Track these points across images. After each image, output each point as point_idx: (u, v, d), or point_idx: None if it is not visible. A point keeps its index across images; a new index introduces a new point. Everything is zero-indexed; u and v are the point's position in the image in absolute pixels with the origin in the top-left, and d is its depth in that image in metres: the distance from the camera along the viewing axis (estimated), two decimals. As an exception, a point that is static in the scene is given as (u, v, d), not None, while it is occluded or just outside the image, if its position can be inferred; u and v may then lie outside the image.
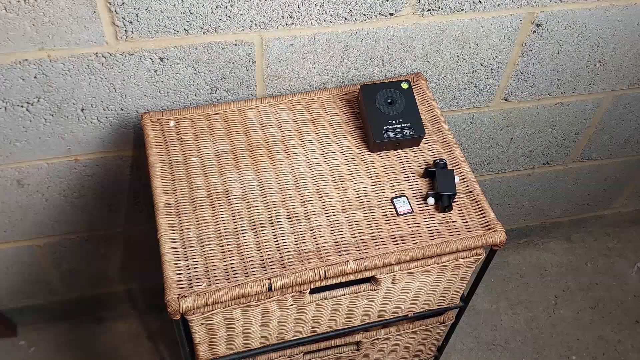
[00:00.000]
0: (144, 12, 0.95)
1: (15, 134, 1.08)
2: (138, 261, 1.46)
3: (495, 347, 1.66)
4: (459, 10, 1.10)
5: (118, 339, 1.59)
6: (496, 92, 1.31)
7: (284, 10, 1.01)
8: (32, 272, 1.40)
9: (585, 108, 1.43)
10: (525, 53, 1.23)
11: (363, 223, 0.94)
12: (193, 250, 0.89)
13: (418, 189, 0.99)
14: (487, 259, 1.00)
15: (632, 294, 1.78)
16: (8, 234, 1.28)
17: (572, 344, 1.67)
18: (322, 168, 1.01)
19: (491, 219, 0.95)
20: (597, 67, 1.32)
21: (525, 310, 1.73)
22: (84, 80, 1.02)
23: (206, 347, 0.95)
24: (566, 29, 1.20)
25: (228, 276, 0.86)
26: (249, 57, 1.07)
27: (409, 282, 0.97)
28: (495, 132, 1.42)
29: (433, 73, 1.21)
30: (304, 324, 0.99)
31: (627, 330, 1.71)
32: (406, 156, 1.04)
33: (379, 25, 1.09)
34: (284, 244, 0.91)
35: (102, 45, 0.98)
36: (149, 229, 1.38)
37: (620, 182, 1.73)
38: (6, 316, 1.52)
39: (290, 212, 0.95)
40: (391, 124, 1.02)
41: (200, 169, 0.99)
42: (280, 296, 0.89)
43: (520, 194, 1.66)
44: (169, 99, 1.10)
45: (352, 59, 1.13)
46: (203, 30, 1.00)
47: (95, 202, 1.26)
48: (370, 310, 1.02)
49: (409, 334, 1.16)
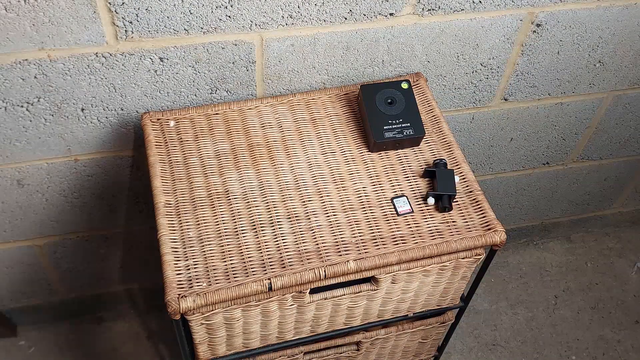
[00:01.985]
0: (144, 12, 0.95)
1: (15, 134, 1.08)
2: (138, 261, 1.46)
3: (495, 347, 1.66)
4: (459, 10, 1.10)
5: (118, 339, 1.59)
6: (496, 92, 1.31)
7: (284, 10, 1.01)
8: (32, 272, 1.40)
9: (585, 108, 1.43)
10: (525, 53, 1.23)
11: (363, 223, 0.94)
12: (193, 250, 0.89)
13: (418, 189, 1.00)
14: (487, 259, 1.00)
15: (632, 294, 1.78)
16: (8, 234, 1.28)
17: (572, 344, 1.67)
18: (322, 168, 1.01)
19: (491, 219, 0.95)
20: (597, 67, 1.32)
21: (525, 310, 1.73)
22: (84, 80, 1.02)
23: (206, 347, 0.95)
24: (566, 29, 1.20)
25: (228, 276, 0.86)
26: (249, 57, 1.07)
27: (409, 282, 0.97)
28: (495, 132, 1.42)
29: (433, 73, 1.21)
30: (304, 324, 0.99)
31: (627, 330, 1.71)
32: (406, 156, 1.04)
33: (379, 25, 1.09)
34: (284, 244, 0.91)
35: (102, 45, 0.98)
36: (149, 229, 1.39)
37: (620, 182, 1.73)
38: (6, 316, 1.52)
39: (290, 212, 0.95)
40: (391, 124, 1.02)
41: (200, 169, 0.99)
42: (280, 296, 0.89)
43: (520, 194, 1.66)
44: (169, 99, 1.10)
45: (352, 59, 1.13)
46: (203, 30, 1.00)
47: (95, 202, 1.26)
48: (370, 310, 1.02)
49: (409, 334, 1.16)
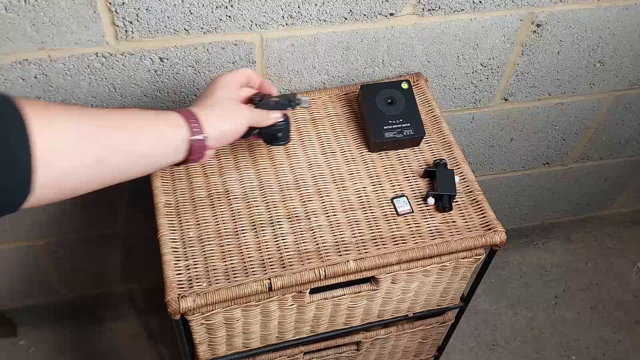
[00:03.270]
0: (144, 12, 0.95)
1: (16, 134, 1.08)
2: (138, 261, 1.46)
3: (495, 347, 1.66)
4: (459, 10, 1.10)
5: (118, 339, 1.59)
6: (496, 92, 1.31)
7: (284, 10, 1.01)
8: (32, 272, 1.40)
9: (585, 108, 1.43)
10: (525, 53, 1.23)
11: (363, 223, 0.94)
12: (193, 250, 0.89)
13: (418, 189, 1.00)
14: (487, 259, 1.00)
15: (632, 294, 1.78)
16: (8, 234, 1.28)
17: (572, 344, 1.67)
18: (322, 168, 1.01)
19: (491, 219, 0.95)
20: (597, 67, 1.32)
21: (525, 310, 1.73)
22: (84, 80, 1.02)
23: (206, 347, 0.95)
24: (566, 29, 1.20)
25: (228, 276, 0.86)
26: (249, 57, 1.07)
27: (409, 282, 0.97)
28: (496, 132, 1.42)
29: (433, 73, 1.21)
30: (304, 324, 0.99)
31: (627, 330, 1.71)
32: (406, 156, 1.04)
33: (379, 26, 1.09)
34: (284, 244, 0.91)
35: (102, 45, 0.98)
36: (149, 229, 1.38)
37: (620, 182, 1.73)
38: (6, 316, 1.52)
39: (291, 212, 0.95)
40: (391, 124, 1.02)
41: (200, 168, 0.99)
42: (280, 296, 0.89)
43: (520, 194, 1.66)
44: (169, 99, 1.10)
45: (352, 59, 1.13)
46: (203, 30, 1.00)
47: (95, 202, 1.26)
48: (370, 310, 1.02)
49: (409, 334, 1.16)
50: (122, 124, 0.71)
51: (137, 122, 0.73)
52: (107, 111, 0.72)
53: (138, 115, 0.74)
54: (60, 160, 0.63)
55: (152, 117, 0.75)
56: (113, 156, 0.69)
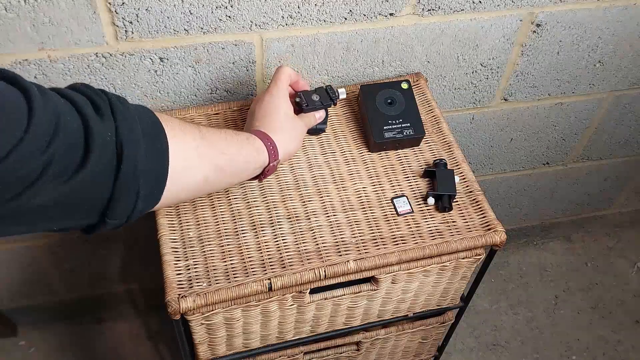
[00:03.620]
0: (144, 12, 0.95)
1: (16, 134, 1.08)
2: (138, 261, 1.46)
3: (495, 347, 1.66)
4: (459, 10, 1.10)
5: (118, 339, 1.59)
6: (496, 92, 1.31)
7: (284, 10, 1.01)
8: (32, 272, 1.40)
9: (585, 108, 1.43)
10: (525, 53, 1.23)
11: (363, 223, 0.94)
12: (193, 250, 0.89)
13: (418, 189, 1.00)
14: (487, 259, 1.00)
15: (632, 294, 1.79)
16: (8, 234, 1.28)
17: (572, 344, 1.67)
18: (322, 168, 1.01)
19: (491, 219, 0.95)
20: (597, 67, 1.32)
21: (525, 310, 1.73)
22: (84, 81, 1.02)
23: (206, 347, 0.95)
24: (566, 29, 1.20)
25: (228, 276, 0.86)
26: (249, 57, 1.07)
27: (409, 282, 0.97)
28: (496, 133, 1.42)
29: (433, 73, 1.21)
30: (304, 324, 0.99)
31: (627, 330, 1.71)
32: (406, 156, 1.04)
33: (379, 26, 1.09)
34: (284, 244, 0.91)
35: (102, 46, 0.98)
36: (149, 229, 1.38)
37: (620, 182, 1.73)
38: (6, 316, 1.52)
39: (291, 212, 0.95)
40: (391, 124, 1.02)
41: (200, 169, 0.99)
42: (280, 296, 0.89)
43: (520, 194, 1.66)
44: (169, 99, 1.10)
45: (352, 59, 1.13)
46: (203, 31, 1.00)
47: (95, 202, 1.26)
48: (370, 310, 1.02)
49: (409, 334, 1.16)
50: (225, 146, 0.76)
51: (235, 145, 0.78)
52: (213, 132, 0.76)
53: (234, 138, 0.79)
54: (184, 177, 0.68)
55: (244, 140, 0.80)
56: (216, 175, 0.74)
